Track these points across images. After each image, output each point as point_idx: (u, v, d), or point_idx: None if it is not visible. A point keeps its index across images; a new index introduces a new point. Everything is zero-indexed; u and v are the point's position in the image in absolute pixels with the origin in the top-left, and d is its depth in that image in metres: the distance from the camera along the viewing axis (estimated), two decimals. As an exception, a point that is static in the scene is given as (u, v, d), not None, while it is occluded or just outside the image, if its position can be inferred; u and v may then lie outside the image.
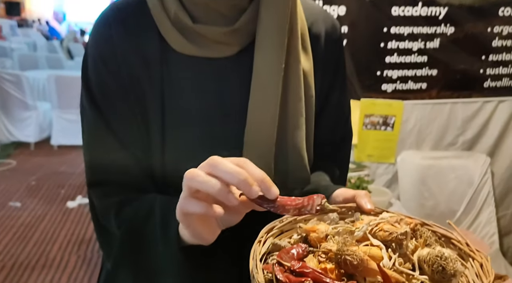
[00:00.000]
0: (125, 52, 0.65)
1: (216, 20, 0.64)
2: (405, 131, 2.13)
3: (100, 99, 0.67)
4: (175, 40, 0.65)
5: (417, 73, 2.04)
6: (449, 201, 2.18)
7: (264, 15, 0.65)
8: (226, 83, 0.68)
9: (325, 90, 0.76)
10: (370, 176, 2.13)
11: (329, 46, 0.75)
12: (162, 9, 0.64)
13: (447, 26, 1.97)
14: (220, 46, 0.65)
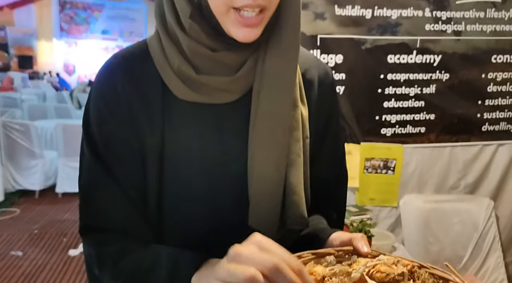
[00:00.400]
0: (128, 99, 0.67)
1: (219, 70, 0.67)
2: (406, 174, 2.14)
3: (101, 146, 0.68)
4: (178, 89, 0.67)
5: (415, 118, 2.08)
6: (454, 245, 2.15)
7: (275, 66, 0.68)
8: (226, 127, 0.70)
9: (320, 133, 0.78)
10: (373, 219, 2.12)
11: (322, 91, 0.78)
12: (165, 60, 0.67)
13: (442, 73, 2.04)
14: (222, 93, 0.68)
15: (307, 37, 1.89)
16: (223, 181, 0.70)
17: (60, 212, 4.30)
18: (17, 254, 3.32)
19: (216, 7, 0.61)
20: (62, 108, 6.51)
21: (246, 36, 0.63)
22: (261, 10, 0.62)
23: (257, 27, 0.63)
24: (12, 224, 3.96)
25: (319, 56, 1.92)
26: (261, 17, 0.62)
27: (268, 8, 0.62)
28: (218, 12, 0.62)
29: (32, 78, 11.11)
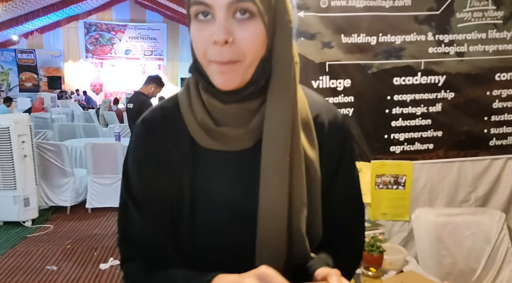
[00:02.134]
0: (164, 148, 0.79)
1: (234, 122, 0.75)
2: (417, 189, 2.23)
3: (137, 189, 0.79)
4: (201, 138, 0.77)
5: (423, 135, 2.18)
6: (468, 258, 2.21)
7: (268, 116, 0.74)
8: (245, 170, 0.78)
9: (332, 173, 0.84)
10: (386, 234, 2.21)
11: (333, 133, 0.84)
12: (191, 114, 0.77)
13: (447, 92, 2.14)
14: (238, 141, 0.76)
15: (316, 65, 2.02)
16: (241, 218, 0.79)
17: (90, 227, 4.52)
18: (52, 269, 3.53)
19: (201, 61, 0.71)
20: (89, 127, 6.81)
21: (224, 83, 0.70)
22: (235, 62, 0.69)
23: (230, 74, 0.70)
24: (47, 239, 4.19)
25: (328, 81, 2.06)
26: (235, 67, 0.69)
27: (241, 59, 0.69)
28: (203, 65, 0.72)
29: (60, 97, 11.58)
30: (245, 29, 0.68)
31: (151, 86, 4.43)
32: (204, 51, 0.70)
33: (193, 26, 0.71)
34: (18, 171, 4.34)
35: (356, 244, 0.94)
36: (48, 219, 4.77)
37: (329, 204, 0.85)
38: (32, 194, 4.49)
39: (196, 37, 0.70)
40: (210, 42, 0.68)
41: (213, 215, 0.79)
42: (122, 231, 0.82)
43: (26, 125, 4.41)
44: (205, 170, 0.79)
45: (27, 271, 3.50)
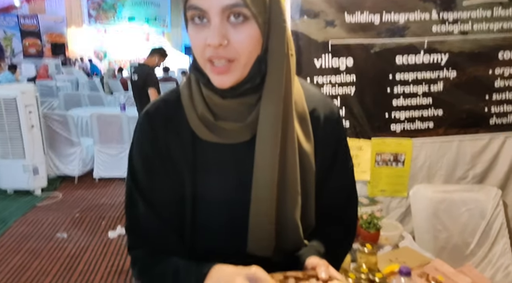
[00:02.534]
0: (166, 139, 0.82)
1: (232, 116, 0.79)
2: (416, 167, 2.27)
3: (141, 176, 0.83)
4: (201, 131, 0.80)
5: (424, 114, 2.20)
6: (462, 233, 2.28)
7: (262, 111, 0.77)
8: (242, 162, 0.81)
9: (327, 165, 0.88)
10: (384, 209, 2.28)
11: (328, 127, 0.87)
12: (192, 108, 0.80)
13: (450, 71, 2.14)
14: (237, 134, 0.80)
15: (318, 44, 2.02)
16: (239, 209, 0.83)
17: (97, 196, 4.65)
18: (62, 236, 3.67)
19: (198, 60, 0.75)
20: (94, 96, 6.84)
21: (220, 82, 0.74)
22: (229, 60, 0.72)
23: (227, 74, 0.73)
24: (56, 208, 4.33)
25: (330, 60, 2.06)
26: (229, 66, 0.72)
27: (235, 58, 0.72)
28: (200, 64, 0.75)
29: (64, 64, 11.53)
30: (240, 32, 0.71)
31: (155, 58, 4.44)
32: (201, 52, 0.73)
33: (190, 29, 0.74)
34: (26, 141, 4.42)
35: (348, 232, 0.99)
36: (57, 188, 4.91)
37: (323, 194, 0.89)
38: (41, 163, 4.59)
39: (193, 39, 0.74)
40: (206, 44, 0.71)
41: (212, 204, 0.84)
42: (129, 219, 0.87)
43: (32, 96, 4.45)
44: (204, 161, 0.82)
45: (38, 239, 3.64)
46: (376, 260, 1.70)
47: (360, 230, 1.94)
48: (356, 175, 2.29)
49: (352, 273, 1.57)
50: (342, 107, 2.13)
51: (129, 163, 0.86)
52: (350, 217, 0.98)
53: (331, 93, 2.11)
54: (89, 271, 3.11)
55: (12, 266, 3.17)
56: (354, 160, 2.20)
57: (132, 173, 0.85)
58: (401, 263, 1.76)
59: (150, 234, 0.84)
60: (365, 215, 1.99)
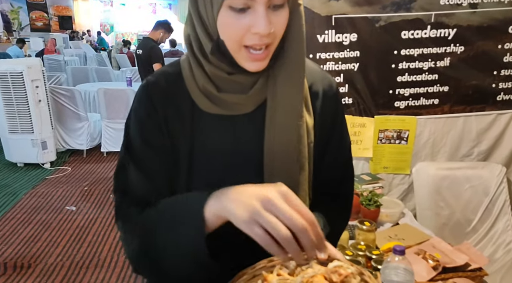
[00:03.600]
0: (165, 111, 0.83)
1: (236, 88, 0.80)
2: (419, 144, 2.25)
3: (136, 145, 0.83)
4: (203, 103, 0.81)
5: (429, 90, 2.16)
6: (465, 210, 2.28)
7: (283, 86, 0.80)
8: (242, 134, 0.83)
9: (324, 139, 0.89)
10: (386, 186, 2.28)
11: (327, 102, 0.89)
12: (193, 80, 0.81)
13: (457, 46, 2.08)
14: (239, 106, 0.81)
15: (322, 18, 1.98)
16: (238, 179, 0.81)
17: (105, 170, 4.71)
18: (71, 209, 3.76)
19: (230, 46, 0.74)
20: (102, 70, 6.83)
21: (256, 68, 0.76)
22: (267, 46, 0.74)
23: (264, 60, 0.76)
24: (65, 181, 4.41)
25: (333, 36, 2.02)
26: (267, 52, 0.75)
27: (273, 42, 0.74)
28: (232, 49, 0.75)
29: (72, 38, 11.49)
30: (279, 17, 0.72)
31: (160, 32, 4.38)
32: (239, 38, 0.72)
33: (226, 15, 0.72)
34: (34, 115, 4.47)
35: (344, 208, 1.00)
36: (66, 161, 4.98)
37: (321, 168, 0.90)
38: (49, 138, 4.65)
39: (231, 25, 0.72)
40: (248, 31, 0.71)
41: (210, 175, 0.84)
42: (118, 181, 0.86)
43: (39, 70, 4.46)
44: (204, 132, 0.83)
45: (48, 211, 3.73)
46: (374, 237, 1.71)
47: (360, 207, 1.95)
48: (359, 152, 2.31)
49: (350, 250, 1.58)
50: (345, 84, 2.11)
51: (125, 131, 0.86)
52: (346, 193, 1.00)
53: (334, 69, 2.08)
54: (98, 242, 3.19)
55: (24, 237, 3.26)
56: (357, 137, 2.19)
57: (127, 141, 0.85)
58: (400, 240, 1.78)
59: (139, 196, 0.83)
60: (365, 192, 1.99)
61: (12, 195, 4.05)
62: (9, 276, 2.75)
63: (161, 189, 0.84)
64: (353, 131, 2.19)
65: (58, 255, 3.00)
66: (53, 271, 2.80)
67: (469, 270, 1.52)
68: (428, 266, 1.51)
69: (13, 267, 2.84)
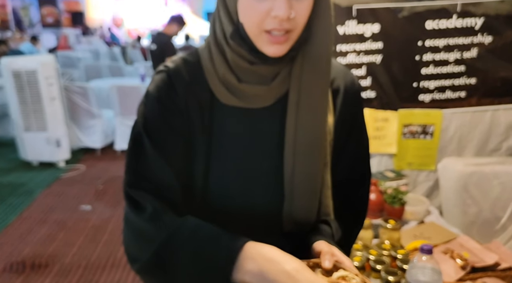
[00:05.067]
0: (185, 99, 0.79)
1: (257, 79, 0.78)
2: (445, 139, 2.16)
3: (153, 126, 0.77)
4: (222, 94, 0.79)
5: (455, 83, 2.06)
6: (493, 207, 2.18)
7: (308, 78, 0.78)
8: (261, 128, 0.81)
9: (344, 136, 0.86)
10: (411, 183, 2.19)
11: (348, 99, 0.86)
12: (213, 69, 0.79)
13: (484, 36, 1.98)
14: (259, 99, 0.79)
15: (342, 9, 1.89)
16: (255, 174, 0.82)
17: (120, 168, 4.67)
18: (87, 208, 3.74)
19: (250, 29, 0.73)
20: (114, 67, 6.82)
21: (275, 52, 0.73)
22: (288, 31, 0.72)
23: (284, 44, 0.73)
24: (80, 180, 4.40)
25: (355, 27, 1.93)
26: (287, 36, 0.72)
27: (293, 29, 0.72)
28: (252, 33, 0.73)
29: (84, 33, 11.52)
30: (302, 3, 0.71)
31: (174, 26, 4.34)
32: (260, 22, 0.71)
33: None
34: (48, 113, 4.46)
35: (359, 209, 0.95)
36: (80, 159, 4.97)
37: (337, 168, 0.87)
38: (63, 135, 4.64)
39: (251, 9, 0.71)
40: (268, 14, 0.70)
41: (227, 167, 0.81)
42: (132, 159, 0.79)
43: (52, 68, 4.44)
44: (222, 125, 0.80)
45: (64, 210, 3.72)
46: (399, 236, 1.65)
47: (384, 204, 1.88)
48: (382, 148, 2.23)
49: (374, 249, 1.52)
50: (367, 77, 2.02)
51: (139, 109, 0.80)
52: (362, 195, 0.95)
53: (356, 62, 1.99)
54: (113, 242, 3.16)
55: (40, 237, 3.25)
56: (380, 132, 2.10)
57: (143, 118, 0.78)
58: (426, 239, 1.71)
59: (157, 181, 0.76)
60: (389, 190, 1.92)
61: (28, 194, 4.05)
62: (28, 275, 2.75)
63: (179, 175, 0.78)
64: (375, 126, 2.10)
65: (74, 254, 2.99)
66: (70, 271, 2.78)
67: (499, 270, 1.46)
68: (456, 265, 1.45)
69: (31, 266, 2.84)
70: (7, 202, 3.89)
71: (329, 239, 0.79)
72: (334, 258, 0.69)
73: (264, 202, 0.82)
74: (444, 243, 1.67)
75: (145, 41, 10.07)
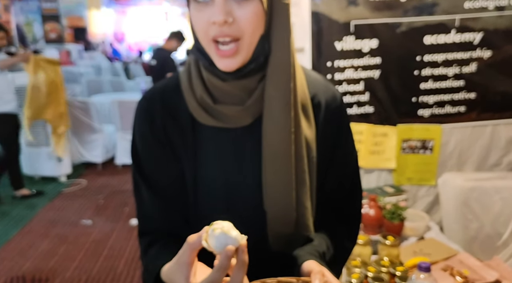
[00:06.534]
0: (164, 124, 0.82)
1: (232, 99, 0.77)
2: (445, 153, 2.15)
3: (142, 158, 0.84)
4: (200, 115, 0.79)
5: (454, 97, 2.06)
6: (495, 223, 2.16)
7: (269, 92, 0.76)
8: (242, 148, 0.82)
9: (329, 151, 0.85)
10: (411, 198, 2.18)
11: (329, 114, 0.85)
12: (191, 91, 0.79)
13: (483, 50, 1.99)
14: (236, 119, 0.78)
15: (340, 25, 1.90)
16: (239, 193, 0.82)
17: (121, 183, 4.69)
18: (87, 222, 3.72)
19: (201, 40, 0.74)
20: (116, 82, 6.86)
21: (227, 65, 0.73)
22: (235, 40, 0.71)
23: (233, 57, 0.72)
24: (81, 194, 4.39)
25: (353, 42, 1.94)
26: (235, 48, 0.71)
27: (241, 37, 0.71)
28: (204, 45, 0.73)
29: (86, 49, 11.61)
30: (244, 8, 0.70)
31: (174, 42, 4.38)
32: (205, 31, 0.71)
33: (193, 7, 0.72)
34: (50, 128, 4.46)
35: (351, 229, 0.94)
36: (82, 174, 4.97)
37: (325, 184, 0.86)
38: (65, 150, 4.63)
39: (196, 18, 0.72)
40: (210, 22, 0.70)
41: (212, 188, 0.83)
42: (137, 205, 0.88)
43: (54, 83, 4.45)
44: (204, 146, 0.82)
45: (65, 224, 3.70)
46: (399, 253, 1.64)
47: (383, 220, 1.87)
48: (381, 163, 2.22)
49: (373, 266, 1.51)
50: (365, 92, 2.02)
51: (131, 147, 0.86)
52: (353, 211, 0.94)
53: (354, 77, 2.00)
54: (114, 256, 3.14)
55: (41, 251, 3.24)
56: (378, 147, 2.10)
57: (134, 156, 0.85)
58: (426, 255, 1.69)
59: (155, 218, 0.85)
60: (388, 205, 1.90)
61: (30, 208, 4.04)
62: (27, 291, 2.73)
63: (173, 202, 0.84)
64: (374, 141, 2.10)
65: (75, 269, 2.97)
66: (70, 287, 2.76)
67: (500, 287, 1.44)
68: (456, 283, 1.43)
69: (31, 280, 2.83)
70: (9, 216, 3.88)
71: (320, 259, 0.78)
72: (324, 278, 0.68)
73: (249, 220, 0.80)
74: (444, 260, 1.65)
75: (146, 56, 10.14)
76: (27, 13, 12.27)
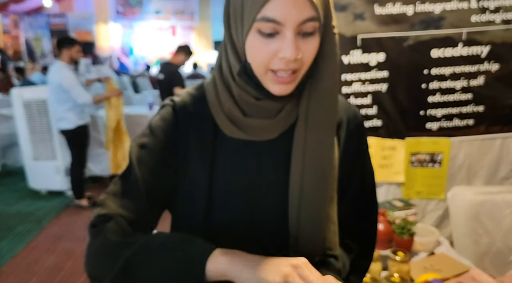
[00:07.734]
0: (186, 132, 0.82)
1: (262, 114, 0.79)
2: (454, 167, 2.13)
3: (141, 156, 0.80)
4: (227, 127, 0.80)
5: (463, 111, 2.05)
6: (506, 237, 2.13)
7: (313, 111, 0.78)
8: (266, 160, 0.81)
9: (349, 169, 0.86)
10: (420, 213, 2.15)
11: (351, 132, 0.86)
12: (218, 103, 0.80)
13: (491, 64, 1.98)
14: (263, 132, 0.80)
15: (347, 39, 1.91)
16: (261, 210, 0.81)
17: (128, 196, 4.67)
18: (94, 237, 3.71)
19: (257, 69, 0.74)
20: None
21: (281, 91, 0.74)
22: (294, 71, 0.73)
23: (290, 84, 0.74)
24: (88, 208, 4.39)
25: (360, 56, 1.94)
26: (294, 76, 0.73)
27: (300, 69, 0.73)
28: (258, 72, 0.74)
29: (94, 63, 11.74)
30: (309, 44, 0.72)
31: (181, 56, 4.41)
32: (266, 62, 0.72)
33: (255, 39, 0.71)
34: (57, 141, 4.49)
35: (367, 245, 0.94)
36: (89, 188, 4.97)
37: (343, 201, 0.86)
38: (72, 164, 4.64)
39: (258, 49, 0.72)
40: (275, 55, 0.71)
41: (230, 204, 0.81)
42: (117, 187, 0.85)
43: (62, 97, 4.49)
44: (224, 157, 0.81)
45: (72, 239, 3.69)
46: (409, 269, 1.61)
47: (392, 235, 1.84)
48: (389, 176, 2.19)
49: (383, 282, 1.48)
50: (373, 106, 2.02)
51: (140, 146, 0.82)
52: (369, 229, 0.94)
53: (361, 90, 1.99)
54: (120, 272, 3.12)
55: (47, 266, 3.22)
56: (387, 160, 2.08)
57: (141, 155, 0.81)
58: (437, 271, 1.66)
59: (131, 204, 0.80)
60: (398, 220, 1.88)
61: (37, 223, 4.04)
62: (32, 307, 2.71)
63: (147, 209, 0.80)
64: (383, 155, 2.08)
65: (80, 285, 2.95)
66: (75, 303, 2.74)
67: (514, 305, 1.41)
68: (468, 300, 1.40)
69: (36, 297, 2.81)
70: (15, 231, 3.88)
71: (336, 275, 0.77)
72: None
73: (270, 237, 0.81)
74: (456, 276, 1.62)
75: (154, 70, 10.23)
76: (36, 29, 12.46)
